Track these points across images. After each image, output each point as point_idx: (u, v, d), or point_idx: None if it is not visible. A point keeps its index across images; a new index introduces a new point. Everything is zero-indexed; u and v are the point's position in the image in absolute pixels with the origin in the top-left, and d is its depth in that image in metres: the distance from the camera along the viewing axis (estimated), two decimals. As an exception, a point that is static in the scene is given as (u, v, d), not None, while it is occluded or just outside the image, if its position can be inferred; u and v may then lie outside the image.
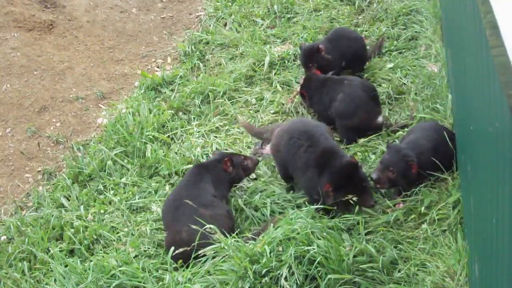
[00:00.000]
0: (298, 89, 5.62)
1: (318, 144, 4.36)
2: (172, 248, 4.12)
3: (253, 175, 4.93)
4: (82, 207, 5.01)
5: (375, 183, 4.19)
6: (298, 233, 3.76)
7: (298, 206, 4.40)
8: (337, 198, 4.08)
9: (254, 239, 3.98)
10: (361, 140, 5.07)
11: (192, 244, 3.98)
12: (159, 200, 4.90)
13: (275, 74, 6.27)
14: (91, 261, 4.32)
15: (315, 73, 5.64)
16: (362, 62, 5.95)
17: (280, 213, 4.41)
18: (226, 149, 5.28)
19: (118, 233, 4.68)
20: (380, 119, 5.10)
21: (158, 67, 7.21)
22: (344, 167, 4.13)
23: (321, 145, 4.35)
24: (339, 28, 6.37)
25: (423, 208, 4.03)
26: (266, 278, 3.64)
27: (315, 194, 4.22)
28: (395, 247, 3.87)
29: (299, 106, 5.69)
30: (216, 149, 5.33)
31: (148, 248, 4.42)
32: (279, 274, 3.63)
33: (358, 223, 3.97)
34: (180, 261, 4.13)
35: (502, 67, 1.95)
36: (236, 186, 4.79)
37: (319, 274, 3.62)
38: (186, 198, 4.28)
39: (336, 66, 5.82)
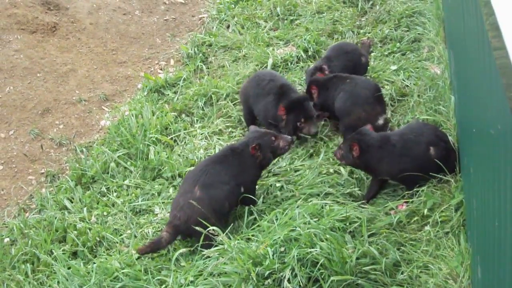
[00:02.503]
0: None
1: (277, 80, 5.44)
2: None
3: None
4: (85, 209, 5.02)
5: (334, 154, 4.70)
6: (300, 234, 3.76)
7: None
8: (288, 122, 5.12)
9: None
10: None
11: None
12: (162, 202, 4.91)
13: (278, 76, 6.27)
14: (94, 263, 4.33)
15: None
16: (364, 69, 5.96)
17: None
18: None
19: (121, 235, 4.69)
20: (381, 120, 5.04)
21: (161, 69, 7.22)
22: (296, 97, 5.21)
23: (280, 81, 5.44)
24: (335, 44, 6.37)
25: (426, 210, 4.02)
26: (269, 280, 3.64)
27: (270, 118, 5.27)
28: (398, 249, 3.86)
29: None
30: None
31: (151, 250, 4.42)
32: (282, 276, 3.63)
33: (361, 225, 3.97)
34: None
35: (504, 69, 1.95)
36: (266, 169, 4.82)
37: (322, 276, 3.62)
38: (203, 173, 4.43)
39: None
